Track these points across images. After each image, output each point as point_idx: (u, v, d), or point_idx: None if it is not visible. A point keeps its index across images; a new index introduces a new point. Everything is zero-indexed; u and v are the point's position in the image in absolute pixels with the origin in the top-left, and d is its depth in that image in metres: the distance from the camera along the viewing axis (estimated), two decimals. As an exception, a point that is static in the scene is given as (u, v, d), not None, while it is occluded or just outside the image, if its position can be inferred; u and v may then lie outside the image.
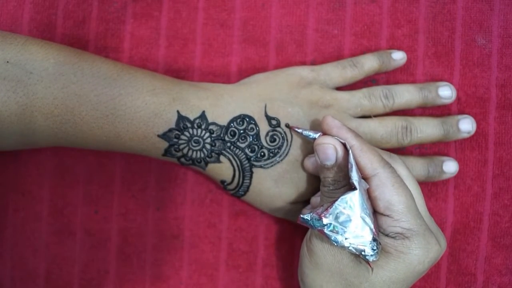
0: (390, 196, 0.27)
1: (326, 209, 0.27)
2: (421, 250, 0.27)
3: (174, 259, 0.36)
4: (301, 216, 0.28)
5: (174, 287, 0.36)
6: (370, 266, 0.27)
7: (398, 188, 0.28)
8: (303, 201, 0.33)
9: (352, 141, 0.29)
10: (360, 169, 0.28)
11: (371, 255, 0.26)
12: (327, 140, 0.29)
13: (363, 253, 0.26)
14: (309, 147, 0.32)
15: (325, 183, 0.29)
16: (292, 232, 0.36)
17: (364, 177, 0.28)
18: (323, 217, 0.27)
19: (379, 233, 0.28)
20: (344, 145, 0.29)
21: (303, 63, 0.36)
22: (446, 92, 0.34)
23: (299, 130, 0.31)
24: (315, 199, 0.32)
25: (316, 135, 0.30)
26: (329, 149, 0.28)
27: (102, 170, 0.36)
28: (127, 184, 0.36)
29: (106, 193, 0.36)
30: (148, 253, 0.36)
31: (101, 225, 0.36)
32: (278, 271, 0.36)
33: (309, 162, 0.32)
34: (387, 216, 0.28)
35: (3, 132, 0.30)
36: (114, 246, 0.36)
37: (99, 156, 0.36)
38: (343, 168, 0.28)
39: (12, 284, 0.36)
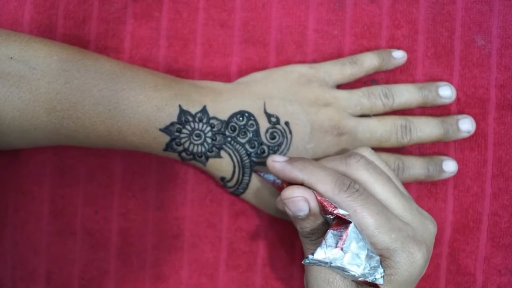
0: (356, 223, 0.26)
1: (341, 238, 0.26)
2: (406, 265, 0.26)
3: (174, 259, 0.36)
4: (311, 257, 0.26)
5: (174, 287, 0.36)
6: None
7: (362, 211, 0.26)
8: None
9: (300, 176, 0.28)
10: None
11: (381, 278, 0.26)
12: (295, 193, 0.27)
13: (374, 279, 0.26)
14: (308, 146, 0.32)
15: (304, 234, 0.28)
16: (292, 232, 0.36)
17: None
18: (339, 249, 0.25)
19: None
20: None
21: (303, 63, 0.36)
22: (446, 92, 0.34)
23: (261, 174, 0.31)
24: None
25: (277, 181, 0.30)
26: (299, 201, 0.27)
27: (102, 170, 0.36)
28: (127, 184, 0.36)
29: (106, 193, 0.36)
30: (148, 253, 0.36)
31: (101, 225, 0.36)
32: (278, 271, 0.36)
33: (280, 204, 0.31)
34: None
35: (5, 128, 0.30)
36: (114, 246, 0.36)
37: (99, 156, 0.36)
38: (319, 216, 0.28)
39: (13, 284, 0.36)
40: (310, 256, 0.26)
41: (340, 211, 0.26)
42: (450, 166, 0.34)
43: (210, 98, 0.32)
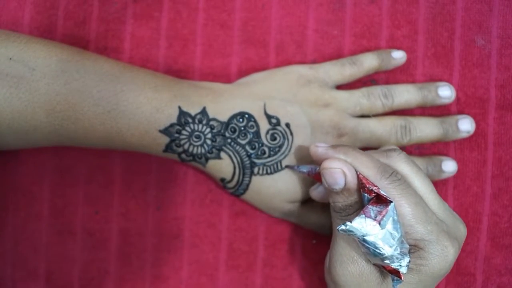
0: (397, 208, 0.26)
1: (381, 213, 0.25)
2: (438, 257, 0.26)
3: (174, 259, 0.36)
4: (348, 223, 0.25)
5: (174, 287, 0.36)
6: (401, 279, 0.26)
7: (400, 199, 0.27)
8: (302, 201, 0.34)
9: (345, 159, 0.28)
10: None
11: (406, 266, 0.25)
12: (334, 164, 0.27)
13: (399, 266, 0.25)
14: (310, 144, 0.32)
15: (336, 209, 0.28)
16: (292, 232, 0.36)
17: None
18: (377, 223, 0.25)
19: None
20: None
21: (303, 63, 0.36)
22: (445, 92, 0.34)
23: (295, 167, 0.31)
24: (316, 191, 0.31)
25: (312, 168, 0.30)
26: (337, 173, 0.27)
27: (103, 170, 0.36)
28: (128, 184, 0.36)
29: (106, 193, 0.36)
30: (148, 253, 0.36)
31: (101, 225, 0.36)
32: (278, 271, 0.36)
33: (316, 192, 0.31)
34: None
35: (4, 129, 0.30)
36: (114, 246, 0.36)
37: (99, 156, 0.36)
38: (353, 192, 0.27)
39: (13, 284, 0.36)
40: (348, 223, 0.25)
41: (381, 191, 0.26)
42: (449, 166, 0.34)
43: (210, 99, 0.32)
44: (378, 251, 0.25)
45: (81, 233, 0.36)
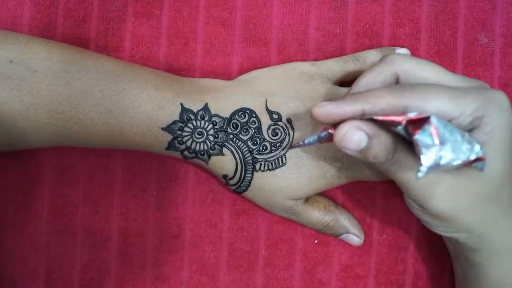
0: (434, 108, 0.25)
1: (432, 134, 0.24)
2: (498, 111, 0.25)
3: (175, 259, 0.36)
4: (422, 168, 0.24)
5: (175, 287, 0.36)
6: (484, 159, 0.25)
7: (428, 96, 0.25)
8: (304, 198, 0.33)
9: (359, 106, 0.26)
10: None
11: (480, 150, 0.25)
12: (345, 127, 0.26)
13: (477, 154, 0.24)
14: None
15: (380, 160, 0.27)
16: (294, 232, 0.36)
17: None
18: (438, 144, 0.24)
19: None
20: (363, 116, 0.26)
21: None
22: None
23: (301, 143, 0.29)
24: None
25: (322, 134, 0.28)
26: (354, 133, 0.26)
27: (103, 170, 0.36)
28: (128, 184, 0.36)
29: (107, 192, 0.36)
30: (148, 253, 0.36)
31: (102, 225, 0.36)
32: (279, 271, 0.36)
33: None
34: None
35: (6, 131, 0.30)
36: (115, 246, 0.36)
37: (99, 156, 0.36)
38: (380, 133, 0.26)
39: (12, 284, 0.36)
40: (421, 168, 0.24)
41: (410, 115, 0.25)
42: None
43: (212, 95, 0.32)
44: (458, 162, 0.24)
45: (81, 232, 0.36)
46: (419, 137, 0.24)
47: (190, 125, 0.31)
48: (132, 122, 0.31)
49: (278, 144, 0.32)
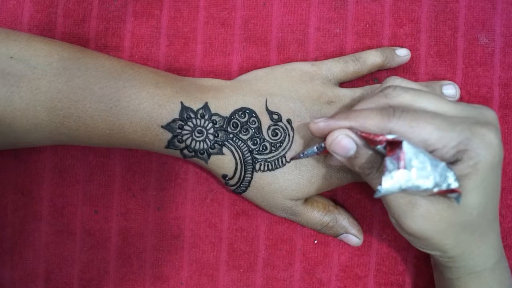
0: (417, 137, 0.26)
1: (399, 158, 0.25)
2: (484, 147, 0.26)
3: (175, 259, 0.36)
4: (380, 188, 0.25)
5: (174, 287, 0.36)
6: (459, 191, 0.26)
7: (418, 123, 0.26)
8: (303, 198, 0.33)
9: (347, 123, 0.28)
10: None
11: (455, 181, 0.25)
12: (334, 134, 0.28)
13: (448, 185, 0.25)
14: (311, 143, 0.32)
15: (365, 173, 0.28)
16: (293, 232, 0.36)
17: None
18: (403, 169, 0.25)
19: None
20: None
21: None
22: (450, 91, 0.34)
23: (301, 155, 0.31)
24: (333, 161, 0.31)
25: (319, 146, 0.30)
26: (343, 140, 0.28)
27: (102, 170, 0.36)
28: (127, 184, 0.36)
29: (106, 192, 0.36)
30: (148, 253, 0.36)
31: (101, 225, 0.36)
32: (279, 271, 0.36)
33: (333, 161, 0.31)
34: (431, 151, 0.27)
35: (6, 128, 0.30)
36: (114, 246, 0.36)
37: (99, 156, 0.36)
38: (368, 147, 0.28)
39: (12, 284, 0.36)
40: (379, 187, 0.25)
41: (387, 136, 0.26)
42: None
43: (212, 94, 0.32)
44: (421, 188, 0.25)
45: (80, 233, 0.36)
46: (388, 159, 0.26)
47: (190, 123, 0.31)
48: (131, 119, 0.31)
49: (278, 145, 0.32)
